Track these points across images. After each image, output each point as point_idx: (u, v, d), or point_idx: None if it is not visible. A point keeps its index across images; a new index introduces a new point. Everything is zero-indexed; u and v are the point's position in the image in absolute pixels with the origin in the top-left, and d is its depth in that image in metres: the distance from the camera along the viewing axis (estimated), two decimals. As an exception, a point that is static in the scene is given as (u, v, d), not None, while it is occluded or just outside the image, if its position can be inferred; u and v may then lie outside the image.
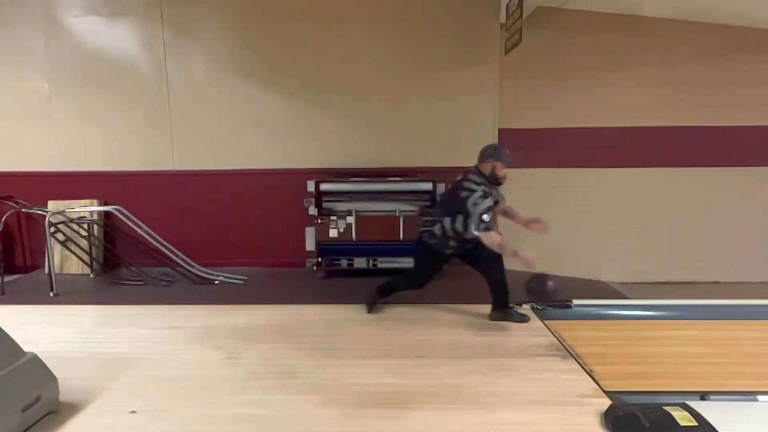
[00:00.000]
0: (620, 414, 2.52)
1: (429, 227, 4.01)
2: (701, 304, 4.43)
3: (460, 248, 3.96)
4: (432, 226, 3.98)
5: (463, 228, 3.83)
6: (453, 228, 3.88)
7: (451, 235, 3.91)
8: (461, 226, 3.83)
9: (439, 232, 3.94)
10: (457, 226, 3.86)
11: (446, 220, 3.89)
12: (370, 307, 4.29)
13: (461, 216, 3.81)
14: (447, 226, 3.89)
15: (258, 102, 5.85)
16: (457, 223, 3.85)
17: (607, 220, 5.95)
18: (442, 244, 3.97)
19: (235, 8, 5.74)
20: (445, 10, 5.69)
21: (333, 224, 5.48)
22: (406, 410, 2.73)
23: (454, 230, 3.88)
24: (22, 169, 5.96)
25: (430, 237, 4.00)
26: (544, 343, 3.63)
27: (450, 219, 3.87)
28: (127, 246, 5.68)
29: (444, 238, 3.94)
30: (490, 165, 3.84)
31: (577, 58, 5.69)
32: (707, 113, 5.74)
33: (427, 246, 4.03)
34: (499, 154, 3.85)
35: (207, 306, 4.56)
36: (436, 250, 4.01)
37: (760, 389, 2.92)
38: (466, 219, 3.77)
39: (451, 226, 3.88)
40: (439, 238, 3.96)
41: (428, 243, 4.01)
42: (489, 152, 3.89)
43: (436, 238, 3.97)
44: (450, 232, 3.90)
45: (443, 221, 3.91)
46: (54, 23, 5.78)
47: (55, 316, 4.41)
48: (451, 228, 3.88)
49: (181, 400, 2.86)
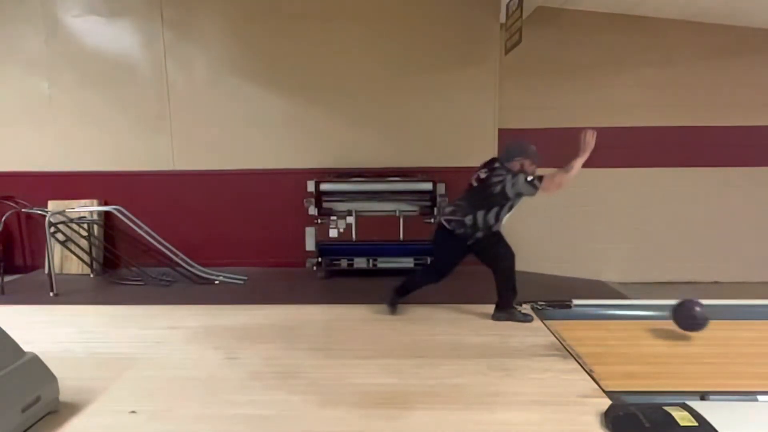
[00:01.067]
0: (620, 414, 2.51)
1: (458, 217, 3.94)
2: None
3: (483, 240, 3.94)
4: (463, 216, 3.92)
5: (495, 220, 3.85)
6: (485, 220, 3.86)
7: (480, 227, 3.88)
8: (494, 218, 3.85)
9: (469, 223, 3.90)
10: (489, 219, 3.86)
11: (480, 212, 3.86)
12: (392, 309, 4.25)
13: (496, 208, 3.82)
14: (479, 219, 3.86)
15: (258, 102, 5.85)
16: (490, 215, 3.85)
17: (608, 220, 5.95)
18: (469, 234, 3.92)
19: (235, 8, 5.74)
20: (445, 10, 5.69)
21: (333, 224, 5.48)
22: (406, 410, 2.72)
23: (485, 222, 3.87)
24: (22, 169, 5.96)
25: (458, 226, 3.93)
26: (544, 343, 3.63)
27: (484, 212, 3.85)
28: (127, 246, 5.68)
29: (473, 228, 3.90)
30: (518, 163, 3.82)
31: (577, 58, 5.69)
32: (707, 113, 5.74)
33: (452, 235, 3.96)
34: (528, 152, 3.84)
35: (207, 306, 4.56)
36: (461, 239, 3.95)
37: (760, 389, 2.92)
38: (500, 211, 3.81)
39: (484, 218, 3.86)
40: (467, 228, 3.91)
41: (454, 232, 3.94)
42: (516, 150, 3.88)
43: (464, 228, 3.92)
44: (481, 224, 3.87)
45: (476, 214, 3.87)
46: (54, 23, 5.78)
47: (55, 316, 4.41)
48: (483, 220, 3.86)
49: (181, 400, 2.85)
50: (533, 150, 3.86)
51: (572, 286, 5.24)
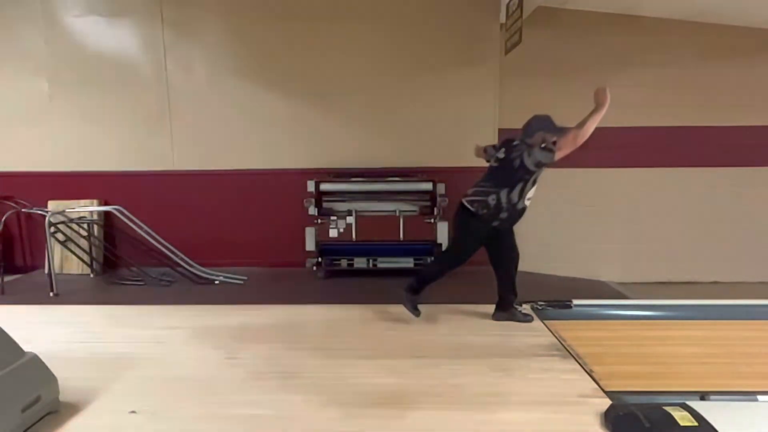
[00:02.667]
0: (620, 414, 2.51)
1: (481, 197, 3.82)
2: (701, 304, 4.42)
3: (507, 222, 3.86)
4: (486, 196, 3.79)
5: (519, 197, 3.74)
6: (509, 198, 3.75)
7: (504, 206, 3.77)
8: (517, 195, 3.74)
9: (493, 203, 3.77)
10: (513, 196, 3.74)
11: (503, 191, 3.74)
12: (415, 309, 4.04)
13: (519, 185, 3.72)
14: (503, 197, 3.75)
15: (258, 102, 5.85)
16: (514, 192, 3.74)
17: (607, 220, 5.95)
18: (493, 215, 3.80)
19: (235, 9, 5.74)
20: (445, 10, 5.70)
21: (333, 224, 5.48)
22: (406, 410, 2.72)
23: (509, 201, 3.75)
24: (22, 169, 5.96)
25: (481, 207, 3.80)
26: (544, 343, 3.63)
27: (507, 190, 3.74)
28: (127, 246, 5.68)
29: (497, 209, 3.78)
30: (540, 137, 3.70)
31: (577, 58, 5.69)
32: (707, 113, 5.74)
33: (475, 217, 3.83)
34: (548, 125, 3.73)
35: (207, 306, 4.56)
36: (485, 220, 3.83)
37: (760, 389, 2.92)
38: (524, 187, 3.72)
39: (507, 196, 3.75)
40: (491, 209, 3.79)
41: (478, 214, 3.81)
42: (537, 124, 3.76)
43: (488, 208, 3.79)
44: (505, 202, 3.75)
45: (500, 192, 3.75)
46: (54, 23, 5.78)
47: (55, 316, 4.41)
48: (507, 198, 3.75)
49: (181, 400, 2.85)
50: (552, 121, 3.74)
51: (572, 286, 5.24)
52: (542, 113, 3.81)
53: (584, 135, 3.56)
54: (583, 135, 3.56)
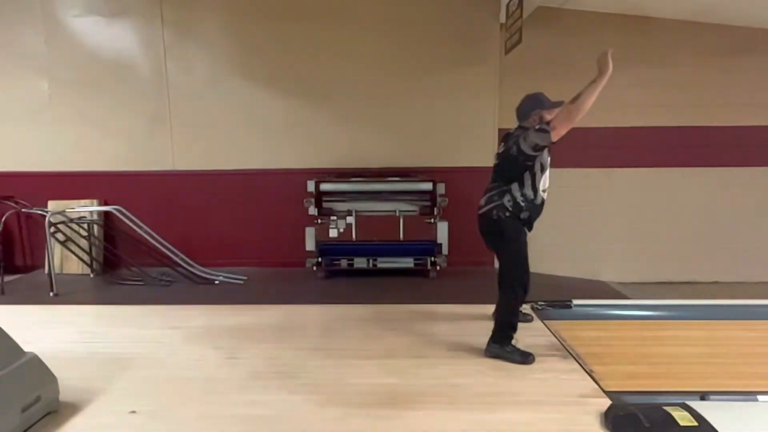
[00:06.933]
0: (620, 414, 2.51)
1: (496, 202, 3.42)
2: (701, 304, 4.43)
3: (531, 221, 3.46)
4: (501, 198, 3.40)
5: (533, 191, 3.36)
6: (523, 194, 3.36)
7: (523, 205, 3.37)
8: (530, 189, 3.36)
9: (509, 203, 3.38)
10: (527, 192, 3.36)
11: (514, 186, 3.37)
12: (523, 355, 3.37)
13: (527, 176, 3.34)
14: (517, 195, 3.36)
15: (258, 102, 5.85)
16: (525, 187, 3.35)
17: (608, 220, 5.95)
18: (516, 215, 3.39)
19: (235, 9, 5.74)
20: (445, 10, 5.70)
21: (333, 224, 5.48)
22: (406, 410, 2.72)
23: (525, 197, 3.36)
24: (22, 169, 5.96)
25: (501, 211, 3.38)
26: (544, 343, 3.63)
27: (517, 185, 3.36)
28: (127, 246, 5.68)
29: (516, 207, 3.38)
30: (536, 116, 3.37)
31: (577, 58, 5.66)
32: (707, 113, 5.74)
33: (504, 225, 3.40)
34: (542, 102, 3.42)
35: (207, 306, 4.56)
36: (515, 223, 3.42)
37: (760, 389, 2.92)
38: (533, 179, 3.35)
39: (521, 193, 3.36)
40: (512, 210, 3.38)
41: (503, 220, 3.38)
42: (530, 104, 3.45)
43: (509, 211, 3.38)
44: (521, 200, 3.36)
45: (512, 190, 3.37)
46: (54, 23, 5.78)
47: (55, 316, 4.41)
48: (521, 195, 3.36)
49: (181, 400, 2.85)
50: (545, 97, 3.44)
51: (572, 286, 5.25)
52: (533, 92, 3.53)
53: (581, 109, 3.14)
54: (579, 109, 3.14)
